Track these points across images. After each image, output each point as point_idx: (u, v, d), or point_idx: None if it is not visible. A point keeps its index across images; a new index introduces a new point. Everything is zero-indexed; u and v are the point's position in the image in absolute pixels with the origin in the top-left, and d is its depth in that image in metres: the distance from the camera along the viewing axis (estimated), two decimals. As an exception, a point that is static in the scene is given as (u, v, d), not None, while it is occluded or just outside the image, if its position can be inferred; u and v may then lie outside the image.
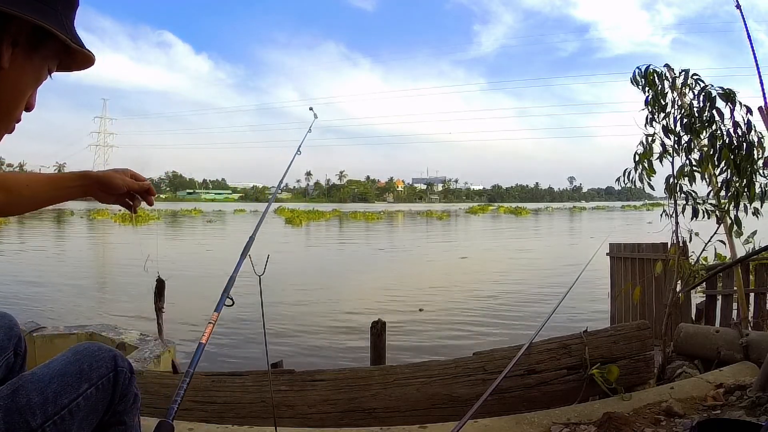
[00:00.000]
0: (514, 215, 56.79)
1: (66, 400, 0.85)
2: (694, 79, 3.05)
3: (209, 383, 2.44)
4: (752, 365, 2.69)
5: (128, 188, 1.04)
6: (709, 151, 2.98)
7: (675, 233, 3.23)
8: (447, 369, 2.53)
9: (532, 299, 8.91)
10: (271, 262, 1.56)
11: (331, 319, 7.64)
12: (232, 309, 1.42)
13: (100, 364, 0.92)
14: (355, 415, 2.37)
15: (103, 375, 0.92)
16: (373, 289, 10.40)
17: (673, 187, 3.15)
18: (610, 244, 5.48)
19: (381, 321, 4.18)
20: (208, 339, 1.34)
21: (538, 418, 2.17)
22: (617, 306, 5.39)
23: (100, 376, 0.91)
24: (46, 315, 7.36)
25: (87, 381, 0.89)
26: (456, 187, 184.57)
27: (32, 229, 27.45)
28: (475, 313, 8.02)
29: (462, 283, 11.00)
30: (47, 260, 14.93)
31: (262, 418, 2.25)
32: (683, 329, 3.27)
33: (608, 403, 2.32)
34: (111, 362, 0.94)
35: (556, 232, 30.59)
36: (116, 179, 1.02)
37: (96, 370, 0.91)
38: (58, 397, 0.84)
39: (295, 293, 9.38)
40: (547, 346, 2.60)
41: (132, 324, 6.14)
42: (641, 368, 2.59)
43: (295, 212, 44.43)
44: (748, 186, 2.93)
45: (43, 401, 0.82)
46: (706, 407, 2.25)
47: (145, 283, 4.46)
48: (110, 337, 4.07)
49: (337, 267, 14.67)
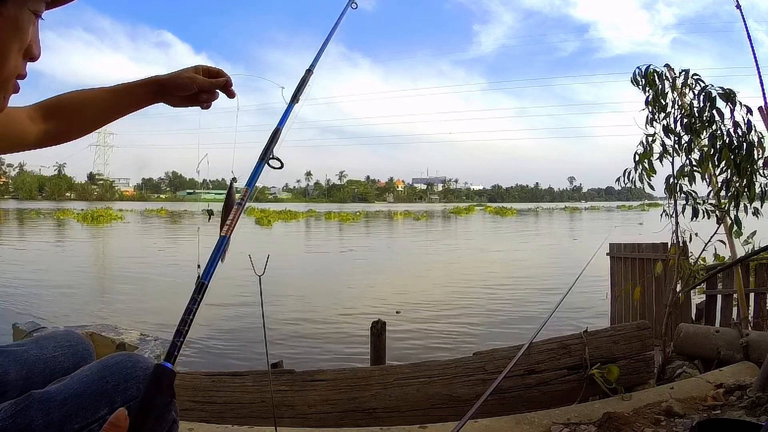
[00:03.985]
0: (500, 215, 55.32)
1: (76, 425, 0.71)
2: (694, 79, 3.05)
3: (209, 383, 2.44)
4: (752, 365, 2.69)
5: (199, 87, 0.95)
6: (709, 151, 2.98)
7: (675, 233, 3.23)
8: (447, 369, 2.53)
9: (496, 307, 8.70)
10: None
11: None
12: (233, 309, 1.42)
13: (129, 385, 0.75)
14: (355, 415, 2.37)
15: (130, 398, 0.74)
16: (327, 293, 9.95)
17: (673, 187, 3.15)
18: (610, 244, 5.49)
19: (381, 321, 4.18)
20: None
21: (538, 418, 2.17)
22: (617, 306, 5.40)
23: (127, 399, 0.74)
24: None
25: (108, 404, 0.72)
26: (456, 188, 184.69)
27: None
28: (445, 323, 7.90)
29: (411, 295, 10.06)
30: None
31: (262, 418, 2.25)
32: (683, 329, 3.27)
33: (608, 403, 2.32)
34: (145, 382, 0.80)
35: (529, 234, 29.12)
36: (183, 79, 0.94)
37: (123, 391, 0.74)
38: (67, 420, 0.70)
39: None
40: (547, 346, 2.60)
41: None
42: (641, 368, 2.60)
43: (266, 212, 42.39)
44: (748, 186, 2.93)
45: (46, 424, 0.69)
46: (706, 407, 2.25)
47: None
48: (110, 337, 4.07)
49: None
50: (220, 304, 7.47)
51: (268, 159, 0.92)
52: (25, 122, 0.89)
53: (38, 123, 0.91)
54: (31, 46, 0.65)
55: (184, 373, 2.51)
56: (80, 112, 0.94)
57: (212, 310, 7.11)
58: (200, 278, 0.72)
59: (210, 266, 0.74)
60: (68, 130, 0.95)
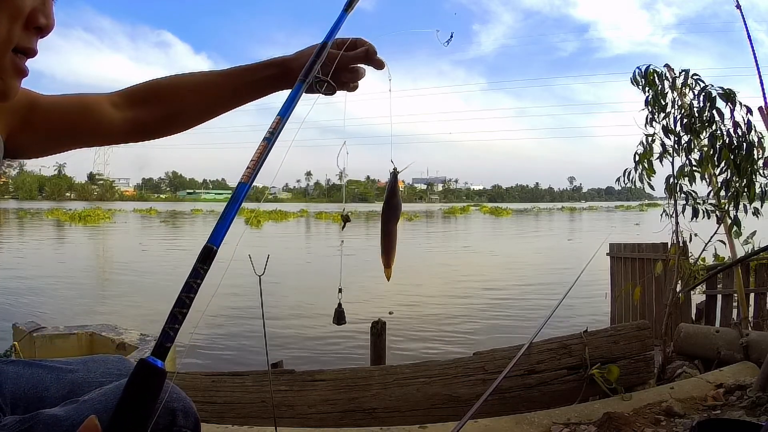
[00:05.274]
0: (494, 216, 54.77)
1: None
2: (694, 79, 3.05)
3: (209, 383, 2.44)
4: (752, 365, 2.69)
5: (338, 63, 0.76)
6: (709, 151, 2.98)
7: (675, 233, 3.23)
8: (447, 369, 2.53)
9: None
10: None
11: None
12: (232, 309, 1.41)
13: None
14: (355, 415, 2.37)
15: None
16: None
17: (673, 187, 3.15)
18: (610, 244, 5.49)
19: (381, 321, 4.17)
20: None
21: (538, 418, 2.17)
22: (617, 306, 5.39)
23: None
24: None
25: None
26: (456, 187, 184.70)
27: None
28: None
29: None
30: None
31: (262, 418, 2.25)
32: (683, 329, 3.27)
33: (608, 403, 2.32)
34: (166, 418, 0.69)
35: (518, 236, 28.85)
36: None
37: None
38: None
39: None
40: (547, 346, 2.60)
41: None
42: (641, 368, 2.60)
43: (255, 212, 42.15)
44: (748, 186, 2.93)
45: None
46: (706, 407, 2.25)
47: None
48: (110, 337, 4.06)
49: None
50: (220, 303, 7.50)
51: (311, 80, 0.70)
52: (107, 109, 0.75)
53: (124, 110, 0.76)
54: (35, 11, 0.52)
55: (184, 373, 2.51)
56: (180, 98, 0.78)
57: (211, 310, 7.10)
58: (207, 242, 0.54)
59: (222, 226, 0.55)
60: (165, 120, 0.80)
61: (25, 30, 0.52)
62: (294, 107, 0.67)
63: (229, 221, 0.56)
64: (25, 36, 0.52)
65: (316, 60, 0.71)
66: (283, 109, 0.66)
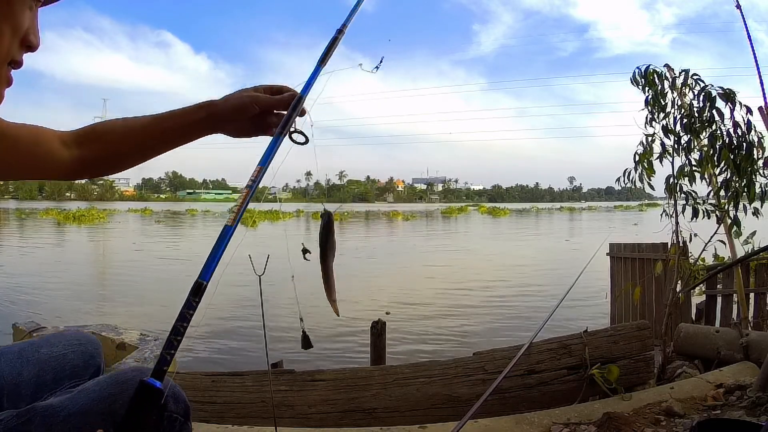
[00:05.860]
0: (492, 216, 54.54)
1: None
2: (694, 79, 3.04)
3: (209, 383, 2.44)
4: (752, 365, 2.69)
5: (263, 107, 0.80)
6: (709, 151, 2.98)
7: (675, 233, 3.23)
8: (447, 369, 2.53)
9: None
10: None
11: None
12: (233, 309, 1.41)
13: None
14: (355, 415, 2.37)
15: None
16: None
17: (673, 187, 3.14)
18: (610, 244, 5.49)
19: (381, 321, 4.17)
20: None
21: (538, 418, 2.17)
22: (617, 306, 5.39)
23: None
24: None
25: (114, 425, 0.65)
26: (456, 187, 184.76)
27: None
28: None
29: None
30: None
31: (262, 418, 2.25)
32: (683, 329, 3.27)
33: (608, 403, 2.32)
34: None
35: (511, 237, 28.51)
36: (242, 99, 0.80)
37: None
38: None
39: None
40: (547, 346, 2.60)
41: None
42: (641, 368, 2.60)
43: (250, 212, 42.24)
44: (748, 186, 2.93)
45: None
46: (706, 407, 2.24)
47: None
48: (110, 336, 4.07)
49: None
50: (220, 304, 7.49)
51: (288, 131, 0.73)
52: (55, 145, 0.78)
53: (72, 148, 0.80)
54: (29, 33, 0.60)
55: (184, 373, 2.51)
56: (119, 139, 0.81)
57: (211, 311, 7.09)
58: (198, 278, 0.62)
59: (211, 263, 0.63)
60: (105, 160, 0.83)
61: (20, 45, 0.60)
62: (273, 156, 0.73)
63: (217, 260, 0.64)
64: (18, 50, 0.60)
65: (293, 113, 0.77)
66: (263, 160, 0.72)
